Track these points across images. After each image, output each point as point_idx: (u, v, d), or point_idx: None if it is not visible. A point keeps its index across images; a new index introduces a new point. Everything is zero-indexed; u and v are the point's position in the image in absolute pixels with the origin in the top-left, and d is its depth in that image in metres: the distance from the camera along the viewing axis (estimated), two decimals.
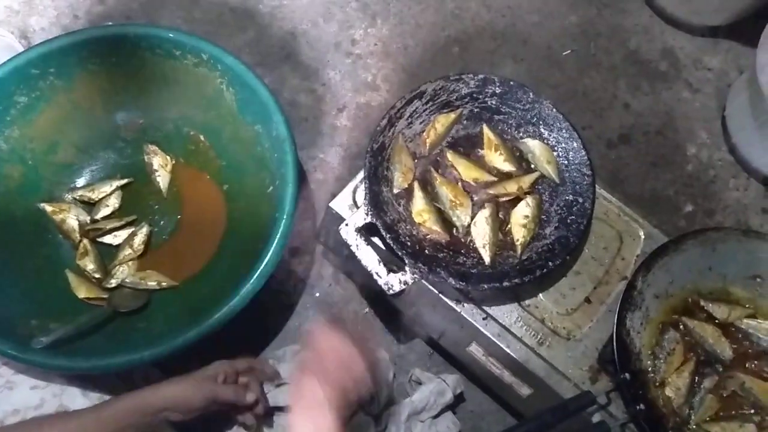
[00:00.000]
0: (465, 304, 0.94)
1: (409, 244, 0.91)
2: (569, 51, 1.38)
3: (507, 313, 0.94)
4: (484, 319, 0.93)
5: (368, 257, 0.91)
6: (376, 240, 0.95)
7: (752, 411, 0.86)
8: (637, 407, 0.85)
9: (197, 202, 1.11)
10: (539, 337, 0.93)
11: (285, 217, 0.93)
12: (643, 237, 1.00)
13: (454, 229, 0.94)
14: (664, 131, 1.31)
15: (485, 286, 0.89)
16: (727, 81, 1.36)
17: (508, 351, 0.92)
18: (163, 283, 1.02)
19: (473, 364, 0.99)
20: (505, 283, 0.89)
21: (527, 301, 0.95)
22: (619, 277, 0.96)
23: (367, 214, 0.92)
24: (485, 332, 0.92)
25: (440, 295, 0.94)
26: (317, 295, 1.13)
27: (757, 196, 1.26)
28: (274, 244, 0.93)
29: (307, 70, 1.32)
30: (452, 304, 0.94)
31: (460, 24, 1.39)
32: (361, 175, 0.96)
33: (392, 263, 0.93)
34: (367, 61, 1.34)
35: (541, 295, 0.95)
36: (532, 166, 0.99)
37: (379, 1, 1.40)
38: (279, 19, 1.37)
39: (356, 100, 1.29)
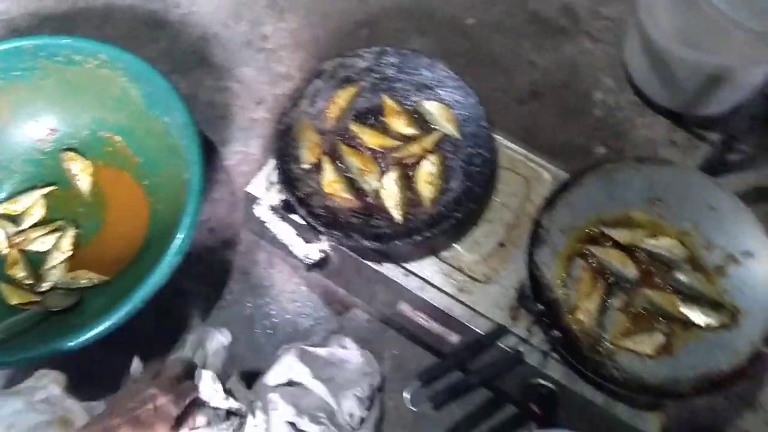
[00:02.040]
0: (386, 264, 0.98)
1: (323, 214, 0.95)
2: (473, 20, 1.43)
3: (426, 267, 0.98)
4: (405, 275, 0.98)
5: (284, 232, 0.95)
6: (295, 217, 1.00)
7: (660, 322, 0.92)
8: (553, 334, 0.90)
9: (120, 201, 1.17)
10: (459, 285, 0.98)
11: (194, 196, 0.98)
12: (549, 179, 1.05)
13: (366, 195, 0.99)
14: (570, 83, 1.37)
15: (399, 243, 0.93)
16: (625, 28, 1.42)
17: (431, 302, 0.96)
18: (95, 280, 1.07)
19: (405, 322, 1.04)
20: (417, 237, 0.93)
21: (444, 254, 1.00)
22: (529, 220, 1.01)
23: (279, 192, 0.97)
24: (408, 287, 0.97)
25: (361, 259, 0.98)
26: (253, 281, 1.17)
27: (664, 131, 1.32)
28: (186, 226, 0.98)
29: (222, 70, 1.36)
30: (374, 265, 0.98)
31: (367, 7, 1.44)
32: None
33: (312, 236, 0.98)
34: (280, 54, 1.38)
35: (457, 246, 1.00)
36: (433, 126, 1.04)
37: None
38: (189, 26, 1.41)
39: (273, 92, 1.33)
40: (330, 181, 0.97)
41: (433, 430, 1.07)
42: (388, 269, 0.98)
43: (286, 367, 1.02)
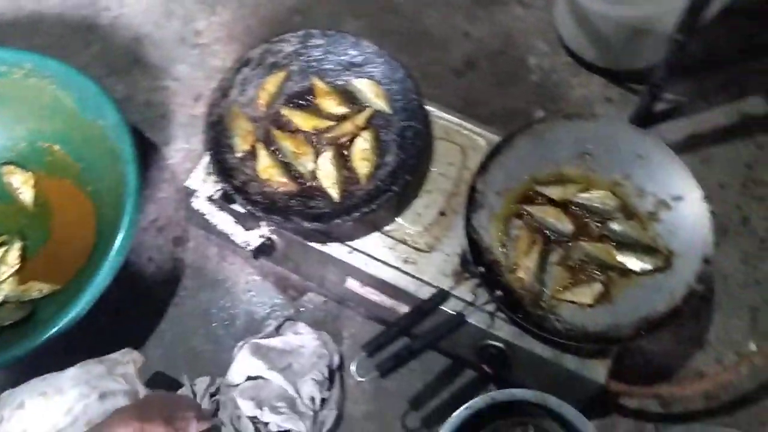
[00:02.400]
0: (330, 244, 0.99)
1: (260, 200, 0.96)
2: None
3: (370, 242, 1.00)
4: (350, 253, 0.99)
5: (223, 222, 0.95)
6: (236, 207, 1.00)
7: (598, 272, 0.95)
8: (496, 294, 0.92)
9: (65, 209, 1.17)
10: (404, 256, 0.99)
11: (131, 195, 0.98)
12: (484, 145, 1.07)
13: (303, 177, 1.00)
14: (505, 50, 1.39)
15: (338, 221, 0.94)
16: None
17: (378, 277, 0.98)
18: (45, 291, 1.07)
19: (356, 298, 1.05)
20: (356, 214, 0.95)
21: (387, 227, 1.01)
22: (467, 187, 1.03)
23: (216, 183, 0.97)
24: (354, 265, 0.98)
25: (305, 241, 0.99)
26: (206, 275, 1.18)
27: (599, 89, 1.35)
28: (125, 226, 0.98)
29: (157, 70, 1.35)
30: (318, 246, 0.99)
31: None
32: None
33: (252, 223, 0.99)
34: (215, 48, 1.38)
35: (398, 218, 1.01)
36: (364, 103, 1.05)
37: None
38: (121, 28, 1.40)
39: (210, 87, 1.30)
40: (265, 167, 0.98)
41: (395, 401, 1.09)
42: (333, 248, 0.99)
43: (243, 365, 1.04)
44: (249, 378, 1.03)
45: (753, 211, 1.27)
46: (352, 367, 0.83)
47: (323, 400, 1.03)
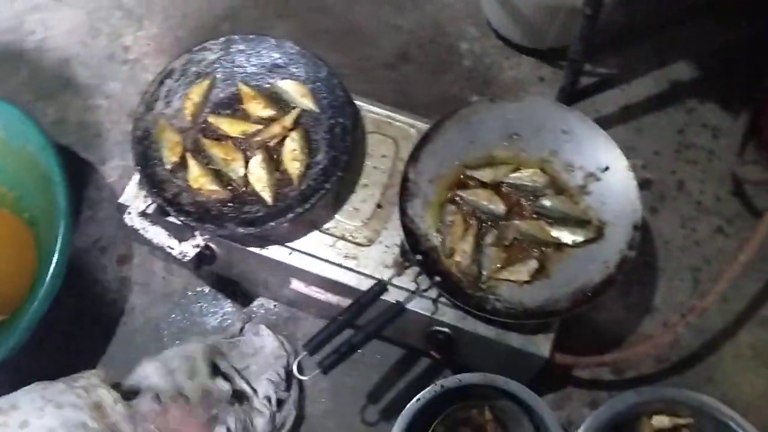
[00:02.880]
0: (269, 247, 0.99)
1: (193, 210, 0.96)
2: None
3: (310, 242, 1.00)
4: (290, 254, 0.99)
5: (157, 235, 0.95)
6: (172, 219, 1.00)
7: (533, 249, 0.96)
8: (435, 280, 0.93)
9: (4, 239, 1.16)
10: (344, 252, 1.00)
11: (62, 217, 0.97)
12: (416, 135, 1.08)
13: (234, 183, 1.00)
14: (436, 38, 1.40)
15: (273, 224, 0.94)
16: None
17: (320, 274, 0.98)
18: None
19: (303, 299, 1.06)
20: (290, 215, 0.95)
21: (325, 225, 1.01)
22: (401, 177, 1.04)
23: (146, 197, 0.97)
24: (294, 265, 0.99)
25: (244, 247, 0.99)
26: (154, 291, 1.17)
27: (530, 69, 1.37)
28: (58, 249, 0.97)
29: (88, 89, 1.34)
30: (257, 251, 0.99)
31: (224, 1, 1.43)
32: None
33: (188, 234, 0.98)
34: (145, 63, 1.36)
35: (336, 215, 1.02)
36: (291, 104, 1.05)
37: (141, 3, 1.42)
38: (48, 51, 1.38)
39: None
40: (196, 177, 0.98)
41: (354, 397, 1.10)
42: (273, 251, 0.99)
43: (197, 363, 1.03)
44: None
45: (687, 174, 1.30)
46: (294, 367, 0.83)
47: (280, 401, 1.04)
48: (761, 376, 1.14)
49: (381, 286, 0.90)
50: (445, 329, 0.97)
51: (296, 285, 1.03)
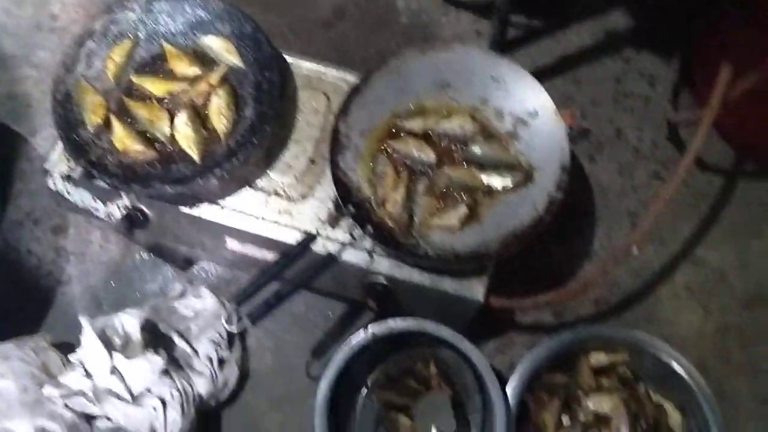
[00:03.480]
0: (201, 206, 0.98)
1: (119, 172, 0.94)
2: None
3: (242, 199, 0.99)
4: (222, 212, 0.98)
5: (82, 198, 0.93)
6: (99, 183, 0.98)
7: (464, 195, 0.97)
8: (368, 230, 0.93)
9: None
10: (278, 208, 0.99)
11: None
12: (347, 89, 1.07)
13: (161, 143, 0.98)
14: None
15: (200, 181, 0.93)
16: None
17: (254, 232, 0.98)
18: None
19: (240, 258, 1.05)
20: (218, 171, 0.93)
21: (258, 182, 1.00)
22: (331, 130, 1.03)
23: (69, 161, 0.95)
24: (227, 223, 0.98)
25: (176, 207, 0.98)
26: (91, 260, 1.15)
27: (468, 24, 1.36)
28: None
29: (16, 60, 1.30)
30: (189, 210, 0.98)
31: None
32: None
33: (114, 196, 0.97)
34: (73, 31, 1.33)
35: (269, 172, 1.01)
36: (217, 61, 1.03)
37: None
38: None
39: None
40: (120, 138, 0.96)
41: (298, 353, 1.10)
42: (204, 210, 0.98)
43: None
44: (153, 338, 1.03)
45: (625, 122, 1.32)
46: (223, 319, 0.83)
47: (222, 361, 1.04)
48: (696, 313, 1.17)
49: (309, 238, 0.90)
50: (382, 279, 0.97)
51: (232, 244, 1.03)
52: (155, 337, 1.01)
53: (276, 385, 1.09)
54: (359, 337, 0.92)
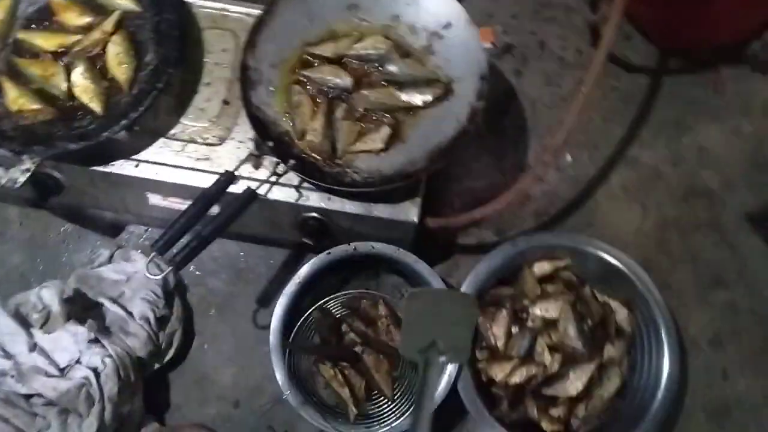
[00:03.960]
0: (114, 163, 0.93)
1: (17, 135, 0.89)
2: None
3: (157, 151, 0.95)
4: (137, 167, 0.93)
5: None
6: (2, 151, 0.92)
7: (385, 117, 0.94)
8: (290, 164, 0.90)
9: None
10: (196, 155, 0.95)
11: None
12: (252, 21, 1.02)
13: (59, 99, 0.92)
14: None
15: (107, 134, 0.88)
16: None
17: (173, 182, 0.94)
18: None
19: (167, 214, 1.01)
20: (124, 122, 0.89)
21: (171, 131, 0.96)
22: (240, 66, 0.98)
23: None
24: (144, 177, 0.93)
25: (88, 167, 0.93)
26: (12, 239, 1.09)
27: None
28: None
29: None
30: (102, 168, 0.93)
31: None
32: None
33: (15, 161, 0.91)
34: None
35: (181, 119, 0.97)
36: (110, 7, 0.97)
37: None
38: None
39: None
40: (14, 99, 0.90)
41: (243, 306, 1.08)
42: (119, 167, 0.93)
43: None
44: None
45: (547, 34, 1.30)
46: (141, 267, 0.80)
47: (162, 320, 1.00)
48: (635, 212, 1.18)
49: (227, 177, 0.86)
50: (314, 214, 0.95)
51: (154, 200, 0.98)
52: (85, 307, 0.97)
53: (226, 339, 1.07)
54: (305, 272, 0.90)
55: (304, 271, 0.96)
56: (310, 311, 0.93)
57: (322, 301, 0.96)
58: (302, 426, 1.00)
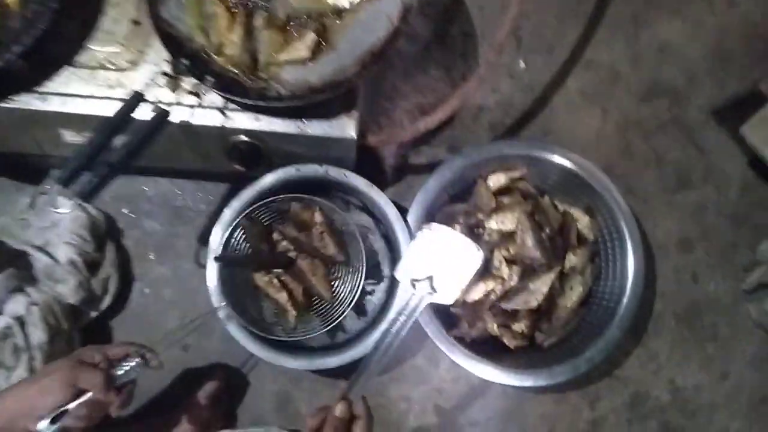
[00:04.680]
0: (17, 97, 0.84)
1: None
2: None
3: (64, 80, 0.86)
4: (42, 100, 0.84)
5: None
6: None
7: (310, 23, 0.85)
8: (209, 81, 0.82)
9: None
10: (108, 83, 0.86)
11: None
12: None
13: None
14: None
15: (1, 65, 0.79)
16: None
17: (86, 114, 0.85)
18: None
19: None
20: (17, 48, 0.79)
21: (78, 59, 0.87)
22: None
23: None
24: (52, 110, 0.84)
25: None
26: None
27: None
28: None
29: None
30: (5, 104, 0.84)
31: None
32: None
33: None
34: None
35: (89, 45, 0.87)
36: None
37: None
38: None
39: None
40: None
41: (184, 246, 1.01)
42: (23, 102, 0.84)
43: None
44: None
45: None
46: (48, 205, 0.72)
47: (93, 265, 0.94)
48: (594, 116, 1.12)
49: (133, 100, 0.78)
50: (243, 137, 0.87)
51: (70, 136, 0.89)
52: (9, 258, 0.89)
53: (168, 282, 1.01)
54: (240, 199, 0.83)
55: (246, 194, 0.89)
56: (237, 220, 0.86)
57: (249, 209, 0.88)
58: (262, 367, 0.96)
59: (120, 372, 0.69)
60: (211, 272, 0.89)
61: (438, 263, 0.84)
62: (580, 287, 0.95)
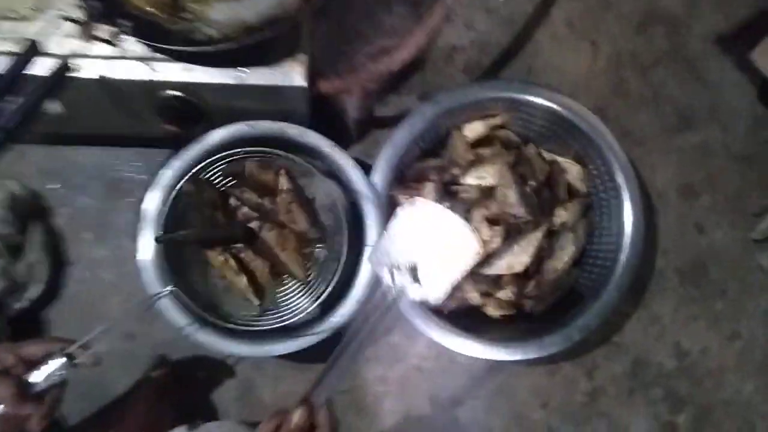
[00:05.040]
0: None
1: None
2: None
3: None
4: None
5: None
6: None
7: None
8: (125, 25, 0.69)
9: None
10: (7, 35, 0.73)
11: None
12: None
13: None
14: None
15: None
16: None
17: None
18: None
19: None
20: None
21: None
22: None
23: None
24: None
25: None
26: None
27: None
28: None
29: None
30: None
31: None
32: None
33: None
34: None
35: None
36: None
37: None
38: None
39: None
40: None
41: (124, 219, 0.90)
42: None
43: None
44: None
45: None
46: None
47: (16, 249, 0.82)
48: (583, 51, 0.99)
49: (27, 51, 0.65)
50: (174, 91, 0.75)
51: None
52: None
53: (108, 264, 0.89)
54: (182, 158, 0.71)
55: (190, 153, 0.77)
56: (178, 186, 0.74)
57: (192, 171, 0.76)
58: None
59: (38, 378, 0.58)
60: (145, 251, 0.77)
61: (423, 249, 0.71)
62: (571, 246, 0.84)
